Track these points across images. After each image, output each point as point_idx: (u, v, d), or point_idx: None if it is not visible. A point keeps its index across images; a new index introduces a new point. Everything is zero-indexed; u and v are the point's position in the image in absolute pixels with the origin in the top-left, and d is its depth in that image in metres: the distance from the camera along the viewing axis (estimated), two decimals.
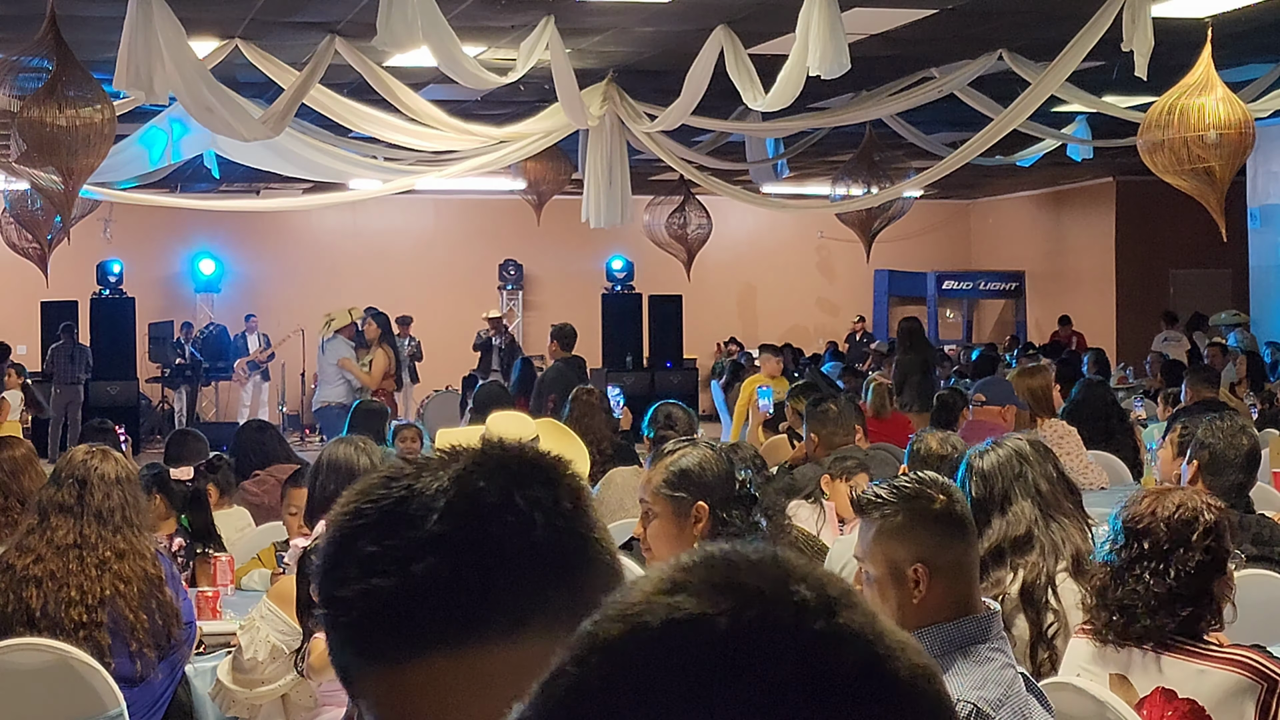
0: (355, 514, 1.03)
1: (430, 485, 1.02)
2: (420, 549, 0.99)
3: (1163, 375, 13.13)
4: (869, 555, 2.83)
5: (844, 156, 12.60)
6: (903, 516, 2.83)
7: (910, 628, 2.73)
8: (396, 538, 1.00)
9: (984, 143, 9.96)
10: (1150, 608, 3.17)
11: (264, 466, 6.97)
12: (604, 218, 10.48)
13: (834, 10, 7.93)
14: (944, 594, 2.78)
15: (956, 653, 2.71)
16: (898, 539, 2.81)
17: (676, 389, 16.64)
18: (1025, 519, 3.82)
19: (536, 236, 16.40)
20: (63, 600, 4.05)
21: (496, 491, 1.02)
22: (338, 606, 1.01)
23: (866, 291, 23.37)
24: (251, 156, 10.34)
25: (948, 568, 2.79)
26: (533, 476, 1.04)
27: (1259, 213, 15.56)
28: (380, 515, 1.02)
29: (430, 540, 1.00)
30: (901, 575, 2.78)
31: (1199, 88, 8.13)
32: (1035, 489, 3.87)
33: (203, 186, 15.89)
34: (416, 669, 0.98)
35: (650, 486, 3.52)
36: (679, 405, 7.63)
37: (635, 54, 10.50)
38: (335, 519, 1.05)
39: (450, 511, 1.01)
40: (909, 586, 2.78)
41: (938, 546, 2.81)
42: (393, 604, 0.98)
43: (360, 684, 1.01)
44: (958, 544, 2.83)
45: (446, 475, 1.03)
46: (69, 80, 7.40)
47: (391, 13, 7.48)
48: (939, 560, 2.79)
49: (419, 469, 1.04)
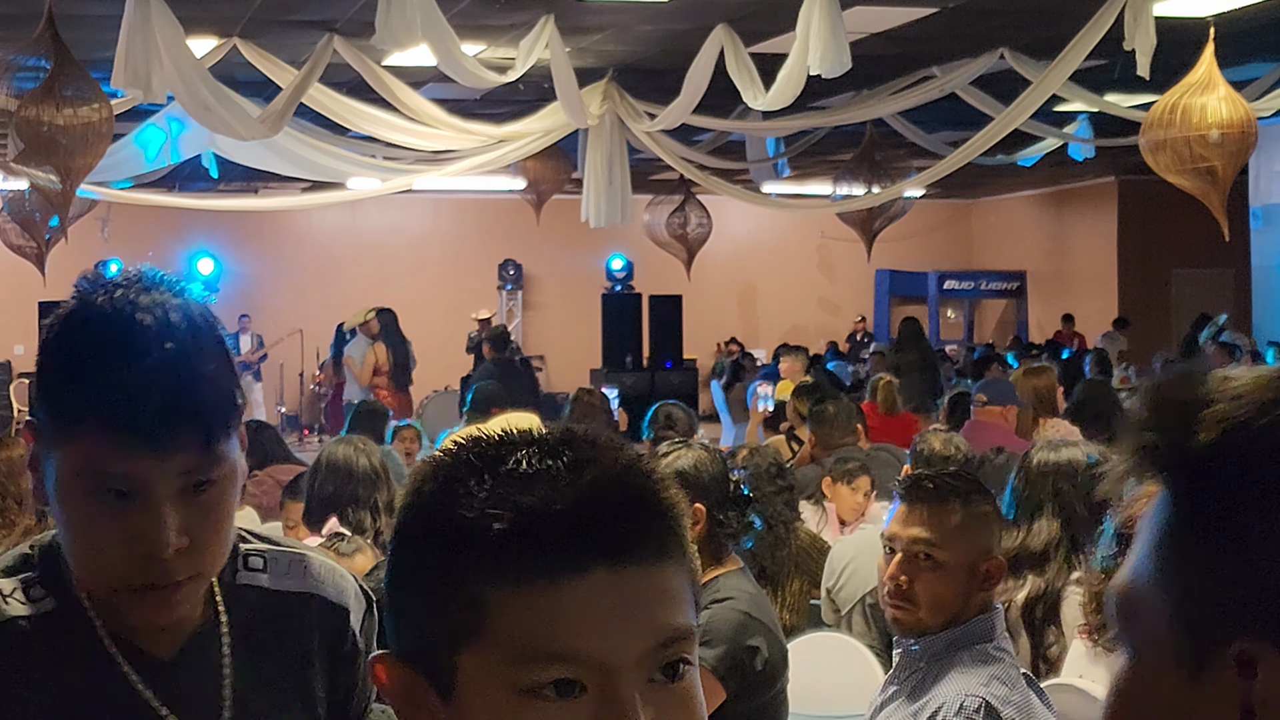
0: (501, 441, 1.01)
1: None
2: (584, 466, 0.98)
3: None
4: (948, 542, 2.78)
5: (845, 156, 12.58)
6: (988, 506, 2.84)
7: (960, 621, 2.75)
8: (559, 457, 0.98)
9: (985, 142, 9.94)
10: None
11: (262, 466, 6.94)
12: (604, 217, 10.46)
13: (835, 9, 7.91)
14: (990, 592, 2.81)
15: (963, 651, 2.70)
16: (985, 530, 2.81)
17: (676, 389, 16.61)
18: (1045, 537, 3.77)
19: (536, 236, 16.38)
20: None
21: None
22: (486, 523, 0.96)
23: (867, 291, 23.35)
24: (250, 156, 10.32)
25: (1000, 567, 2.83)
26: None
27: (1261, 212, 15.53)
28: (535, 438, 1.01)
29: (590, 462, 0.99)
30: (975, 567, 2.77)
31: (1201, 87, 8.11)
32: (1071, 510, 3.80)
33: (201, 186, 15.86)
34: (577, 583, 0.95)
35: None
36: (679, 405, 7.62)
37: (635, 53, 10.48)
38: (469, 447, 1.01)
39: (604, 441, 1.01)
40: (978, 579, 2.77)
41: (998, 544, 2.85)
42: (563, 517, 0.96)
43: (494, 613, 0.96)
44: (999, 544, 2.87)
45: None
46: (67, 79, 7.38)
47: (390, 11, 7.46)
48: (997, 558, 2.82)
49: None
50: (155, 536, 1.39)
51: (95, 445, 1.38)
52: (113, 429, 1.37)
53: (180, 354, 1.39)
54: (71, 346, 1.41)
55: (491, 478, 0.97)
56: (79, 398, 1.38)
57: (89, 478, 1.39)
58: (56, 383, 1.42)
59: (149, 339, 1.39)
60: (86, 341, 1.40)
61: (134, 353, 1.38)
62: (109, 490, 1.39)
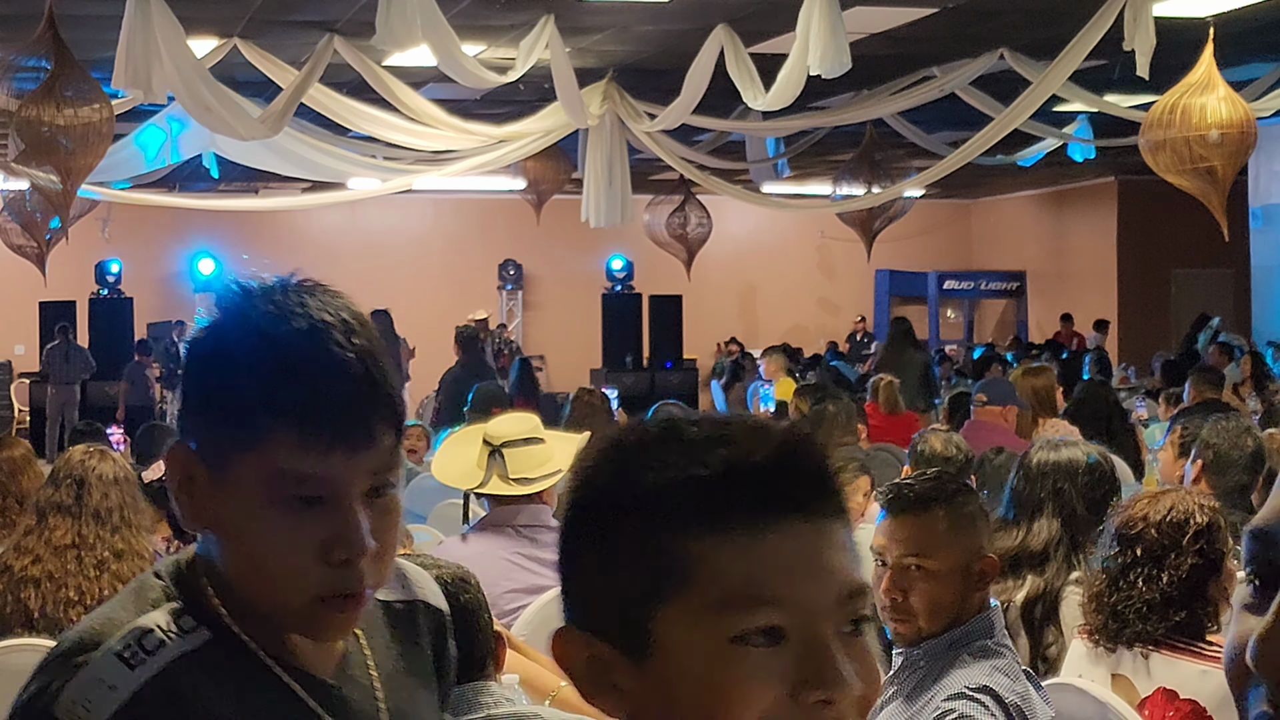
0: (667, 421, 1.07)
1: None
2: (763, 429, 1.04)
3: (1164, 375, 13.11)
4: (937, 550, 2.70)
5: (844, 156, 12.59)
6: (973, 505, 2.77)
7: (960, 621, 2.70)
8: (730, 425, 1.04)
9: (985, 142, 9.94)
10: (1141, 613, 3.15)
11: None
12: (604, 217, 10.46)
13: (834, 9, 7.92)
14: (986, 590, 2.76)
15: (963, 649, 2.69)
16: (973, 529, 2.74)
17: (676, 389, 16.65)
18: (1044, 536, 3.75)
19: (536, 236, 16.38)
20: (61, 601, 4.03)
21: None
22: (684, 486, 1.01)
23: (867, 291, 23.35)
24: (250, 156, 10.33)
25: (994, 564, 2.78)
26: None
27: (1261, 212, 15.53)
28: (696, 417, 1.07)
29: (764, 427, 1.05)
30: (969, 568, 2.71)
31: (1201, 87, 8.11)
32: (1070, 510, 3.78)
33: (201, 186, 15.87)
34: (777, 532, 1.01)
35: None
36: (679, 406, 7.63)
37: (635, 53, 10.48)
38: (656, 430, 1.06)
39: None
40: (973, 578, 2.72)
41: (988, 540, 2.78)
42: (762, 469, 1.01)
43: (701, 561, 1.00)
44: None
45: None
46: (67, 80, 7.39)
47: (391, 11, 7.47)
48: (989, 556, 2.76)
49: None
50: (352, 540, 1.34)
51: (288, 449, 1.32)
52: (309, 429, 1.32)
53: (368, 351, 1.36)
54: (247, 353, 1.35)
55: (680, 442, 1.03)
56: (269, 402, 1.33)
57: (278, 485, 1.33)
58: (233, 392, 1.35)
59: (336, 337, 1.35)
60: (265, 345, 1.35)
61: (324, 351, 1.34)
62: (298, 498, 1.34)
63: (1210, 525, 3.16)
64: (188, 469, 1.38)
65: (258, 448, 1.33)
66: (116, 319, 17.48)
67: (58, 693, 1.29)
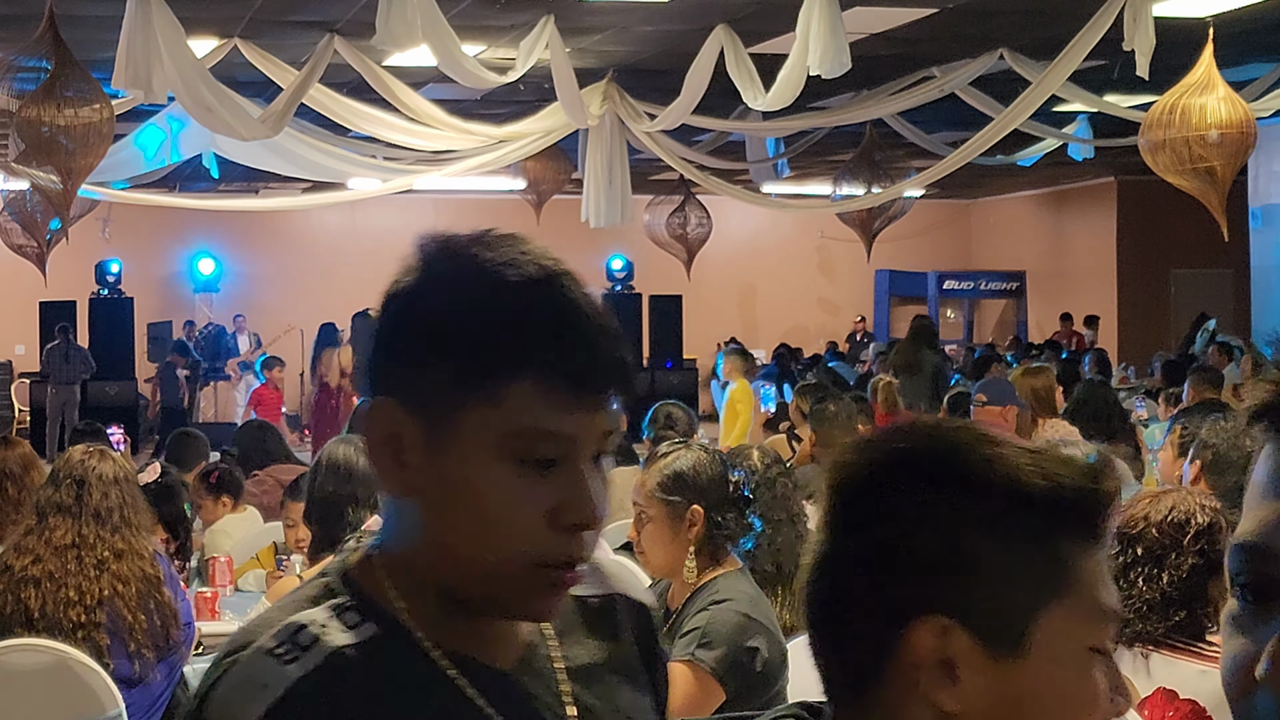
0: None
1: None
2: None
3: (1164, 375, 13.11)
4: None
5: (844, 156, 12.59)
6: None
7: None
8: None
9: (985, 142, 9.95)
10: (1141, 613, 3.15)
11: (264, 466, 6.95)
12: (604, 217, 10.47)
13: (834, 9, 7.92)
14: None
15: None
16: None
17: (676, 389, 16.62)
18: None
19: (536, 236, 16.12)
20: (61, 601, 4.04)
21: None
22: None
23: (867, 291, 23.36)
24: (251, 156, 10.33)
25: None
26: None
27: (1260, 212, 15.52)
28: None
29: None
30: None
31: (1200, 87, 8.12)
32: None
33: (201, 186, 15.87)
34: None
35: (644, 490, 3.46)
36: (679, 405, 7.62)
37: (635, 53, 10.48)
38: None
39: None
40: None
41: None
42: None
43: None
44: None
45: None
46: (68, 80, 7.40)
47: (391, 12, 7.47)
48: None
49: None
50: (584, 505, 1.25)
51: (528, 404, 1.22)
52: (555, 382, 1.22)
53: (601, 301, 1.29)
54: (481, 300, 1.27)
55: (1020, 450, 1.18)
56: (510, 352, 1.23)
57: (513, 443, 1.23)
58: (466, 341, 1.25)
59: (572, 286, 1.28)
60: (505, 291, 1.26)
61: (566, 300, 1.26)
62: (532, 460, 1.23)
63: (1211, 525, 3.16)
64: (393, 426, 1.27)
65: (491, 401, 1.23)
66: (116, 319, 17.46)
67: (208, 695, 1.24)
